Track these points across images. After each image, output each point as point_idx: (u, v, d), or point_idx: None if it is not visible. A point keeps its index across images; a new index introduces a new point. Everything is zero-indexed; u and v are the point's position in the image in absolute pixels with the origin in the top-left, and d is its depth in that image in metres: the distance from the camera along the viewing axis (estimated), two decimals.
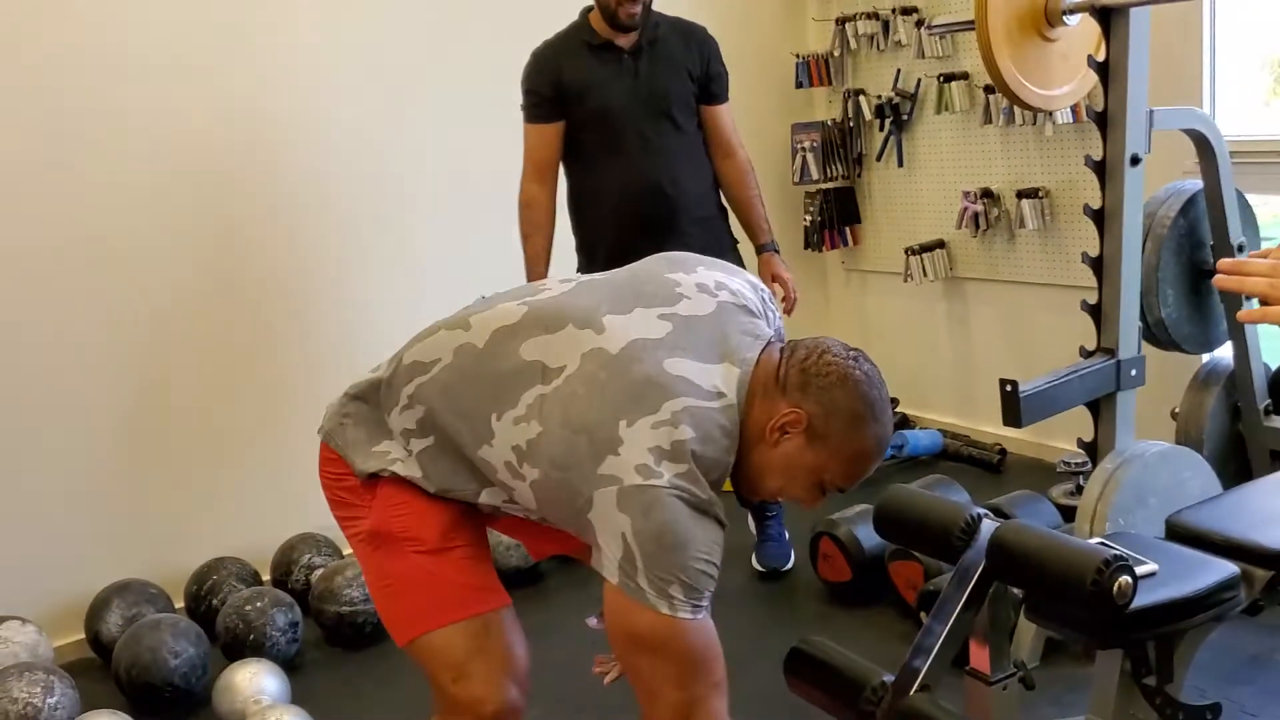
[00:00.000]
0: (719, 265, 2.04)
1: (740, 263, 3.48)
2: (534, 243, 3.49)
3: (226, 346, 3.79)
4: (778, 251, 3.64)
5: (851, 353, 1.83)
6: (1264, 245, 3.50)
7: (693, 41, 3.47)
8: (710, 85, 3.48)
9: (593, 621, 1.90)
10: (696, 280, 1.95)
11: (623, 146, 3.40)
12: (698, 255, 2.07)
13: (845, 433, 1.78)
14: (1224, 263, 1.47)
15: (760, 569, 3.73)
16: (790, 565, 3.73)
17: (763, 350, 1.86)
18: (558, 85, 3.38)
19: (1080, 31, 3.11)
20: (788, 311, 3.57)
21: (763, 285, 2.08)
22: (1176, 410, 3.51)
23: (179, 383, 3.71)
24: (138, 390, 3.64)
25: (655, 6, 3.44)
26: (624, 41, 3.38)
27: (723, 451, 1.77)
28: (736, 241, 3.63)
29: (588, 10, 3.44)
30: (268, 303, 3.87)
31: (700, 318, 1.87)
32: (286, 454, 3.53)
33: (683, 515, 1.70)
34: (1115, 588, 1.73)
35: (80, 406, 3.55)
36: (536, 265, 3.50)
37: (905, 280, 4.68)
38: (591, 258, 3.50)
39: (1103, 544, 1.97)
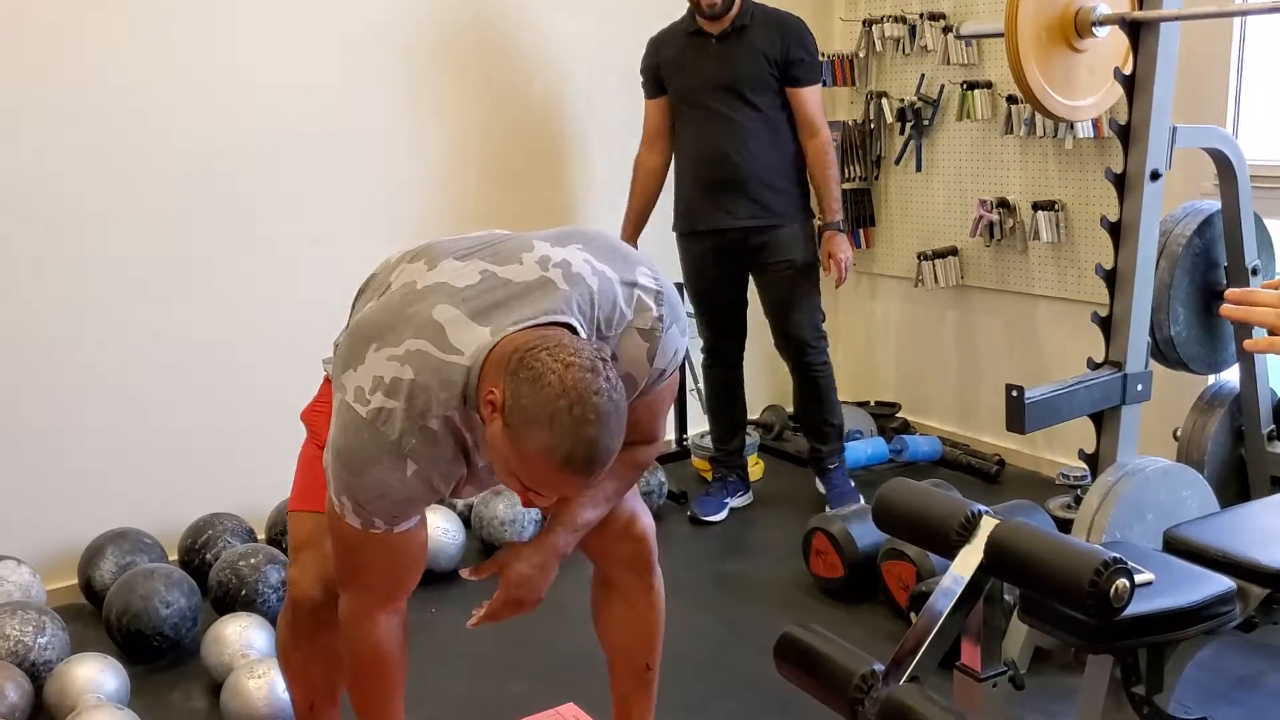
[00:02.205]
0: (610, 258, 1.97)
1: (809, 234, 3.95)
2: (631, 204, 4.09)
3: (231, 300, 3.80)
4: (841, 230, 3.99)
5: (576, 359, 1.70)
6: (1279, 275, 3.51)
7: (777, 29, 3.85)
8: (790, 70, 3.84)
9: (465, 572, 2.09)
10: (547, 254, 1.93)
11: (700, 119, 3.89)
12: (602, 242, 2.01)
13: (523, 430, 1.70)
14: (1231, 293, 1.44)
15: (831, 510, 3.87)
16: (859, 504, 3.85)
17: (527, 327, 1.81)
18: (657, 66, 3.97)
19: (1108, 44, 3.11)
20: (835, 285, 4.05)
21: (660, 288, 1.98)
22: (1178, 430, 3.51)
23: (183, 337, 3.71)
24: (142, 341, 3.65)
25: None
26: (712, 29, 3.85)
27: (439, 404, 1.79)
28: (812, 215, 4.01)
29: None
30: (276, 260, 3.88)
31: (511, 283, 1.88)
32: (287, 413, 3.52)
33: (368, 448, 1.80)
34: (1113, 590, 1.73)
35: (84, 353, 3.55)
36: (626, 228, 4.08)
37: (916, 285, 4.68)
38: (680, 215, 4.03)
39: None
